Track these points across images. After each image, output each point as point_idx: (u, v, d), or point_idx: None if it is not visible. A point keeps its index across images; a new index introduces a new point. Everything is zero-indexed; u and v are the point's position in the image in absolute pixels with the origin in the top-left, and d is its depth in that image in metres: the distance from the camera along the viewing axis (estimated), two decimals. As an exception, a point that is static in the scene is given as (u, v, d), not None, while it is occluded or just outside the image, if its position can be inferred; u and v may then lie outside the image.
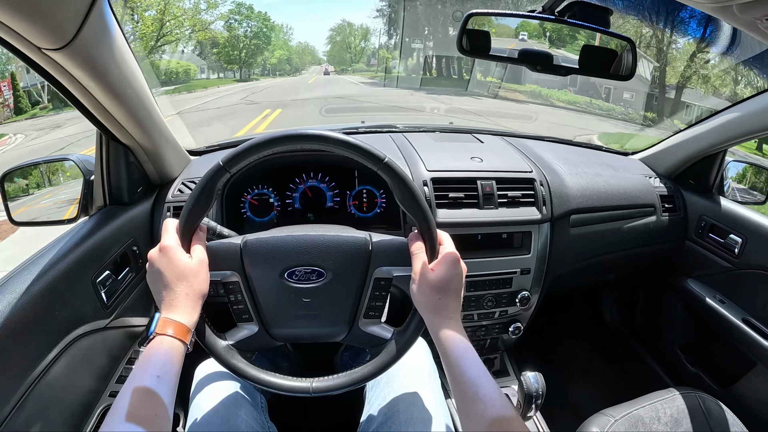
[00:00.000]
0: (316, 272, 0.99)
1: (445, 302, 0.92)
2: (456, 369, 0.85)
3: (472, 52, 1.20)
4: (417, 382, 1.19)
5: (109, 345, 1.31)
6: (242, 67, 48.92)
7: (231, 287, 1.00)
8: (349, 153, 0.93)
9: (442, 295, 0.92)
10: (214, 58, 44.51)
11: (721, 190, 1.93)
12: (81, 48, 0.90)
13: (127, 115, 1.20)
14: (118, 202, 1.40)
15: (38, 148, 12.39)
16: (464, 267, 0.97)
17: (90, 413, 1.21)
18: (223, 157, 0.92)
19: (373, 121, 2.14)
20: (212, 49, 44.87)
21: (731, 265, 1.78)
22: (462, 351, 0.87)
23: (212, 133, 12.01)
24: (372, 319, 1.04)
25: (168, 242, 0.91)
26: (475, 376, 0.83)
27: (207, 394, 1.18)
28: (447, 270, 0.93)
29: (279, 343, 1.07)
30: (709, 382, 1.91)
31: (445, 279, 0.92)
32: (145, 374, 0.77)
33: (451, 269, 0.93)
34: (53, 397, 1.05)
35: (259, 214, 1.68)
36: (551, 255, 1.67)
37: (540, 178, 1.66)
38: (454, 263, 0.94)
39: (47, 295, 1.03)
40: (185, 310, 0.87)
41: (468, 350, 0.87)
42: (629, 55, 1.20)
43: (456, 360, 0.86)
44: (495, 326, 1.78)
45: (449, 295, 0.93)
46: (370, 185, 1.71)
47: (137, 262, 1.41)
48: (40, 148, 12.25)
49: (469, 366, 0.84)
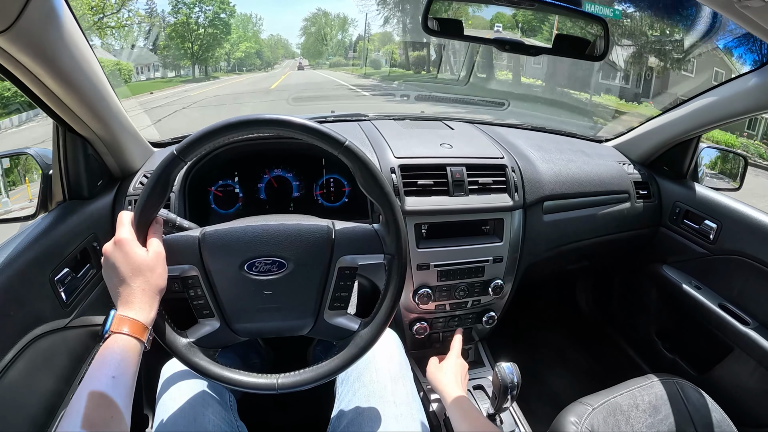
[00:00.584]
0: (276, 263, 0.96)
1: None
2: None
3: (442, 33, 1.17)
4: (388, 376, 1.17)
5: (71, 345, 1.27)
6: (195, 63, 40.05)
7: (190, 282, 0.97)
8: (309, 137, 0.91)
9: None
10: (160, 53, 36.45)
11: (695, 176, 1.94)
12: (25, 31, 0.85)
13: (82, 104, 1.15)
14: (78, 197, 1.35)
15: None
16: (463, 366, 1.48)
17: (54, 416, 1.17)
18: (177, 146, 0.89)
19: (343, 110, 2.10)
20: (158, 42, 37.26)
21: (706, 250, 1.78)
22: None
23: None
24: (337, 310, 1.02)
25: (123, 235, 0.88)
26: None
27: (173, 393, 1.15)
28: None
29: (242, 338, 1.04)
30: (686, 368, 1.92)
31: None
32: (100, 375, 0.75)
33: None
34: (12, 400, 1.02)
35: (224, 206, 1.65)
36: (524, 242, 1.65)
37: (512, 164, 1.64)
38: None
39: (1, 295, 1.00)
40: (142, 307, 0.84)
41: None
42: (602, 36, 1.18)
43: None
44: (468, 316, 1.75)
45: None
46: (338, 174, 1.69)
47: (98, 258, 1.36)
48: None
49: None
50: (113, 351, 0.78)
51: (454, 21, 1.19)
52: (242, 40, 54.77)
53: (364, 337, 0.98)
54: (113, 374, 0.75)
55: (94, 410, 0.70)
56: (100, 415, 0.71)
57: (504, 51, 1.15)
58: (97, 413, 0.71)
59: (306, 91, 18.09)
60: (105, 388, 0.73)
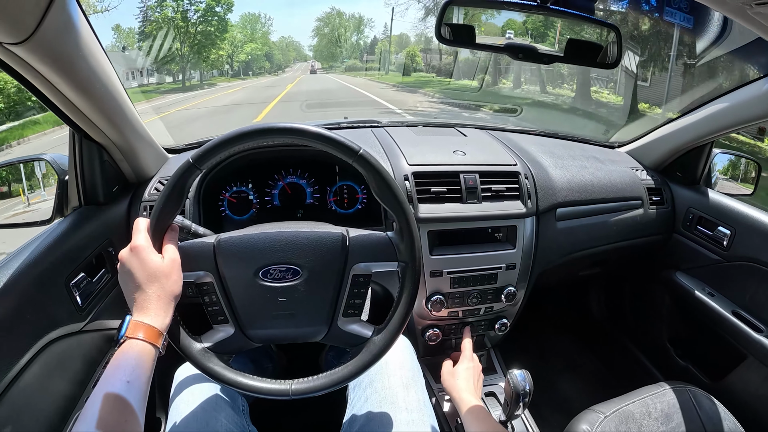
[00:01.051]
0: (291, 270, 0.97)
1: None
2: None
3: (453, 41, 1.18)
4: (400, 382, 1.18)
5: (85, 349, 1.28)
6: (186, 67, 33.63)
7: (205, 288, 0.98)
8: (323, 146, 0.91)
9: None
10: (147, 56, 30.54)
11: (708, 182, 1.93)
12: (43, 41, 0.87)
13: (98, 112, 1.17)
14: (94, 202, 1.37)
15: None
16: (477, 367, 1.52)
17: (68, 420, 1.18)
18: (193, 153, 0.90)
19: (357, 117, 2.11)
20: (141, 43, 32.68)
21: (720, 257, 1.77)
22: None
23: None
24: (351, 317, 1.03)
25: (139, 242, 0.89)
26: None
27: (186, 397, 1.16)
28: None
29: (256, 344, 1.05)
30: (699, 376, 1.90)
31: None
32: (115, 380, 0.76)
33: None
34: (27, 403, 1.03)
35: (238, 212, 1.66)
36: (537, 249, 1.65)
37: (524, 171, 1.64)
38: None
39: (18, 299, 1.01)
40: (157, 313, 0.85)
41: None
42: (614, 43, 1.18)
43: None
44: (481, 323, 1.75)
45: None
46: (351, 181, 1.69)
47: (113, 263, 1.38)
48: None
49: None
50: (128, 356, 0.79)
51: (467, 27, 1.18)
52: (248, 40, 49.93)
53: (378, 344, 0.98)
54: (128, 379, 0.76)
55: (109, 413, 0.71)
56: (115, 418, 0.72)
57: (517, 59, 1.15)
58: (112, 417, 0.71)
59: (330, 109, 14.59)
60: (119, 392, 0.74)
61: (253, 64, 53.44)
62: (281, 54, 69.97)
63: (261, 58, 56.73)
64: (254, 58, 53.35)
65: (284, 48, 73.35)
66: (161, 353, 0.85)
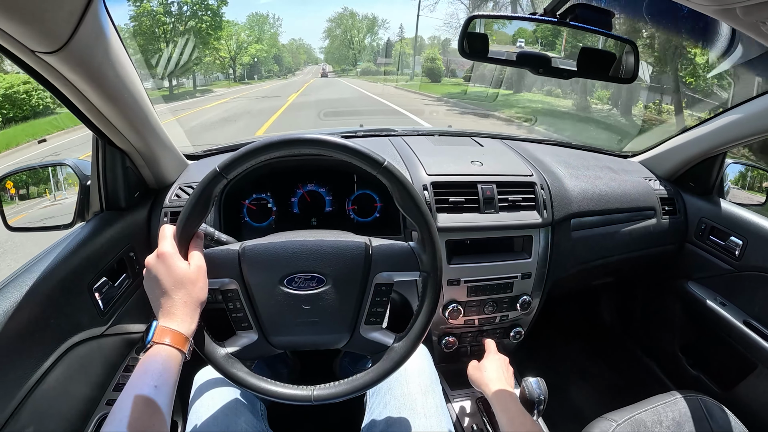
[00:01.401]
0: (315, 278, 0.98)
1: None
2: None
3: (472, 54, 1.19)
4: (419, 389, 1.19)
5: (106, 352, 1.30)
6: (174, 73, 26.83)
7: (229, 295, 0.99)
8: (348, 157, 0.93)
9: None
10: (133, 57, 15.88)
11: (721, 192, 1.94)
12: (76, 51, 0.88)
13: (124, 119, 1.19)
14: (115, 208, 1.39)
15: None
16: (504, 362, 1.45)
17: (87, 422, 1.20)
18: (220, 163, 0.91)
19: (371, 125, 2.12)
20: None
21: (732, 267, 1.77)
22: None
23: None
24: (373, 325, 1.04)
25: (165, 249, 0.90)
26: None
27: (206, 401, 1.17)
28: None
29: (279, 351, 1.06)
30: (710, 385, 1.91)
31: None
32: (143, 384, 0.77)
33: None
34: (50, 406, 1.04)
35: (258, 220, 1.67)
36: (552, 259, 1.66)
37: (540, 181, 1.65)
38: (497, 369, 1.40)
39: (42, 303, 1.03)
40: (183, 319, 0.86)
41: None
42: (630, 57, 1.19)
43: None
44: (496, 331, 1.77)
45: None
46: (370, 190, 1.70)
47: (134, 268, 1.40)
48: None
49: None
50: (155, 361, 0.80)
51: (482, 36, 1.19)
52: (253, 41, 45.71)
53: (399, 352, 0.99)
54: (155, 383, 0.77)
55: (138, 417, 0.72)
56: (143, 421, 0.72)
57: (537, 74, 1.16)
58: (140, 420, 0.72)
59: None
60: (147, 398, 0.75)
61: (261, 66, 50.64)
62: (291, 56, 66.63)
63: (269, 60, 53.73)
64: (261, 60, 50.37)
65: (294, 51, 69.92)
66: (187, 358, 0.86)
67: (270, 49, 53.56)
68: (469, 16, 1.15)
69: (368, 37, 62.70)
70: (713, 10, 0.72)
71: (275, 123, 13.74)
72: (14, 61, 0.88)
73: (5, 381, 0.91)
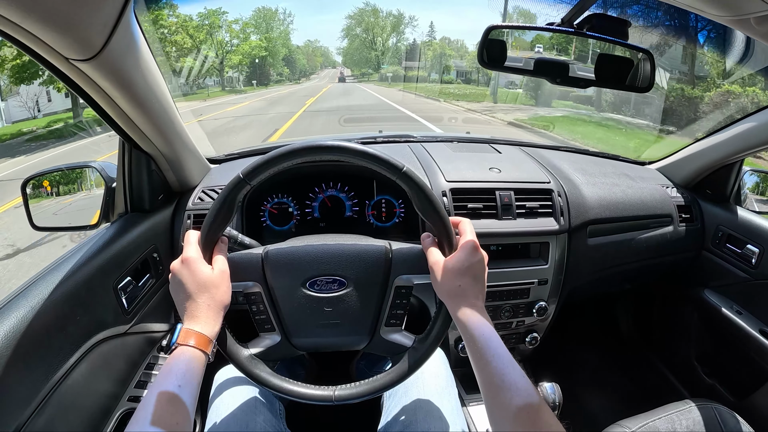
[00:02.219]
0: (337, 281, 1.00)
1: (466, 288, 0.93)
2: (481, 357, 0.86)
3: (491, 64, 1.20)
4: (434, 392, 1.20)
5: (129, 350, 1.33)
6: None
7: (253, 298, 1.01)
8: (369, 163, 0.94)
9: (462, 281, 0.93)
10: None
11: (738, 199, 1.93)
12: (108, 59, 0.91)
13: (151, 125, 1.22)
14: (139, 209, 1.42)
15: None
16: (484, 254, 0.97)
17: (109, 417, 1.22)
18: (244, 169, 0.93)
19: (390, 131, 2.13)
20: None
21: (748, 275, 1.77)
22: (487, 338, 0.87)
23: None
24: (393, 327, 1.05)
25: (189, 254, 0.93)
26: (500, 364, 0.83)
27: (226, 399, 1.20)
28: (466, 256, 0.94)
29: (301, 352, 1.08)
30: (725, 394, 1.90)
31: (464, 265, 0.93)
32: (167, 384, 0.79)
33: (469, 256, 0.94)
34: (73, 401, 1.07)
35: (279, 223, 1.70)
36: (568, 265, 1.67)
37: (558, 188, 1.67)
38: (473, 250, 0.95)
39: (69, 300, 1.05)
40: (207, 321, 0.88)
41: (492, 337, 0.87)
42: (646, 65, 1.19)
43: (481, 347, 0.86)
44: (512, 336, 1.78)
45: (470, 280, 0.93)
46: (389, 195, 1.72)
47: (158, 268, 1.43)
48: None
49: (494, 353, 0.85)
50: (179, 361, 0.83)
51: (499, 42, 1.20)
52: (243, 40, 37.77)
53: (418, 353, 1.01)
54: (179, 383, 0.79)
55: (162, 416, 0.75)
56: (166, 421, 0.75)
57: (555, 84, 1.18)
58: (164, 419, 0.75)
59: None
60: (171, 397, 0.77)
61: (269, 69, 45.07)
62: (306, 59, 62.32)
63: (277, 62, 48.26)
64: (264, 62, 43.99)
65: (310, 53, 65.77)
66: (210, 360, 0.88)
67: (277, 49, 48.19)
68: (489, 27, 1.17)
69: (393, 37, 55.83)
70: (728, 20, 0.74)
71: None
72: (48, 68, 0.91)
73: (32, 375, 0.94)
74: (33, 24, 0.73)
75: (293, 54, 55.61)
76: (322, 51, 74.94)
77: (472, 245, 0.95)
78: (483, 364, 0.85)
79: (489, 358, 0.84)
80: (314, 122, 16.19)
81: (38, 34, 0.76)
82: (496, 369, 0.83)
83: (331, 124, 14.89)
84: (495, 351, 0.85)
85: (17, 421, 0.89)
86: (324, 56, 74.36)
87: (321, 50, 74.65)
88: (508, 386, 0.80)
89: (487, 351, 0.85)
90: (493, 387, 0.83)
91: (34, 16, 0.71)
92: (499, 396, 0.81)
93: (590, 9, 1.04)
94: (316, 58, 70.48)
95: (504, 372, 0.82)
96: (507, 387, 0.80)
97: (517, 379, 0.81)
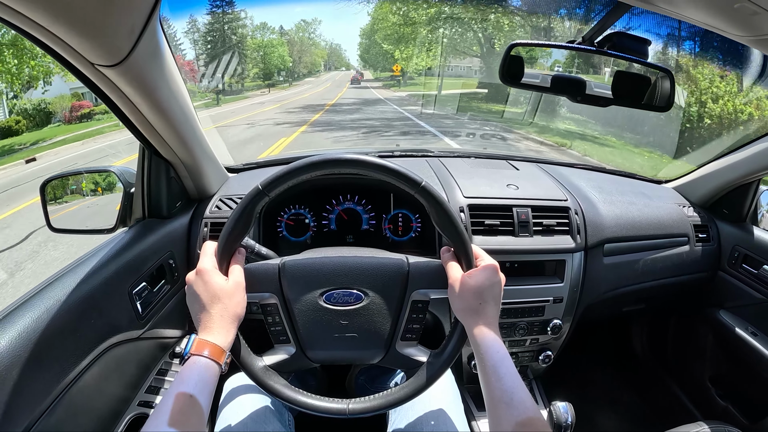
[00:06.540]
0: (354, 295, 1.00)
1: (485, 308, 0.94)
2: (492, 376, 0.87)
3: (511, 80, 1.21)
4: (441, 406, 1.20)
5: (141, 355, 1.33)
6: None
7: (269, 309, 1.02)
8: (387, 177, 0.95)
9: (482, 300, 0.94)
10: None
11: (755, 219, 1.92)
12: (133, 65, 0.93)
13: (172, 132, 1.23)
14: (157, 215, 1.44)
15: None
16: (503, 277, 0.99)
17: (118, 421, 1.23)
18: (263, 180, 0.94)
19: (408, 145, 2.14)
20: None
21: (764, 296, 1.75)
22: (500, 359, 0.89)
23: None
24: (409, 341, 1.05)
25: (204, 265, 0.94)
26: (510, 386, 0.85)
27: (236, 408, 1.20)
28: (487, 277, 0.95)
29: (315, 365, 1.08)
30: (738, 416, 1.88)
31: (484, 285, 0.94)
32: (180, 393, 0.80)
33: (491, 276, 0.96)
34: (84, 402, 1.07)
35: (295, 234, 1.71)
36: (584, 284, 1.66)
37: (575, 206, 1.66)
38: (495, 271, 0.97)
39: (84, 303, 1.06)
40: (220, 332, 0.89)
41: (505, 358, 0.89)
42: (666, 83, 1.19)
43: (493, 367, 0.88)
44: (525, 354, 1.77)
45: (489, 301, 0.95)
46: (406, 209, 1.72)
47: (173, 275, 1.44)
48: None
49: (505, 374, 0.87)
50: (193, 371, 0.83)
51: (518, 59, 1.21)
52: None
53: (433, 368, 1.00)
54: (192, 392, 0.80)
55: (173, 425, 0.75)
56: (178, 429, 0.75)
57: (576, 102, 1.17)
58: (175, 427, 0.75)
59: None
60: (183, 406, 0.78)
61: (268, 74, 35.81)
62: (299, 54, 51.99)
63: (272, 66, 37.81)
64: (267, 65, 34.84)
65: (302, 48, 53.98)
66: (224, 371, 0.89)
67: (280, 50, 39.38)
68: (511, 44, 1.17)
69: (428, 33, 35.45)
70: (750, 41, 0.74)
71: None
72: (73, 72, 0.92)
73: (45, 375, 0.95)
74: (61, 29, 0.74)
75: (283, 52, 46.06)
76: (336, 49, 69.82)
77: (494, 267, 0.97)
78: (493, 383, 0.87)
79: (500, 377, 0.86)
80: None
81: (66, 39, 0.78)
82: (505, 389, 0.85)
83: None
84: (506, 372, 0.87)
85: (28, 419, 0.89)
86: (337, 56, 68.29)
87: (336, 49, 69.85)
88: (516, 405, 0.83)
89: (498, 371, 0.87)
90: (501, 404, 0.84)
91: (63, 21, 0.72)
92: (505, 412, 0.83)
93: (611, 28, 1.04)
94: (335, 57, 64.92)
95: (513, 393, 0.84)
96: (515, 406, 0.82)
97: (524, 399, 0.84)
